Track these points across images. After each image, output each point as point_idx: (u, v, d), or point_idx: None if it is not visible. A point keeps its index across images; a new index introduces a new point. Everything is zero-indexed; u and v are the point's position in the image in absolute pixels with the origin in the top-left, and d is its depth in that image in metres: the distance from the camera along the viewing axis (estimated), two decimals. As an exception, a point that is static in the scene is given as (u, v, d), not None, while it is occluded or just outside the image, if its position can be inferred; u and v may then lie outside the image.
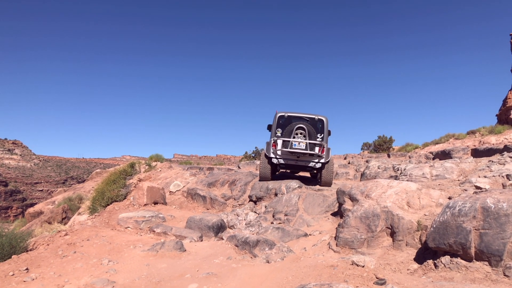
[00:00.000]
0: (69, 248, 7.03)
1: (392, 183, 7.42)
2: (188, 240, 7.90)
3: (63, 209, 16.44)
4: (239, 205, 11.64)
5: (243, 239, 7.23)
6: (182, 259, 6.55)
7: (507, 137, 23.91)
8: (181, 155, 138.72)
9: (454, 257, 5.19)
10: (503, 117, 40.76)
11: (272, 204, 10.07)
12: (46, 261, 6.38)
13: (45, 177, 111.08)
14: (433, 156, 17.17)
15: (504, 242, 4.78)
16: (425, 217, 6.21)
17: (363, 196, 7.30)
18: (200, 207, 12.08)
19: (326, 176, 11.42)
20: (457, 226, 5.15)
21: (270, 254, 6.45)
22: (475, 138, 26.34)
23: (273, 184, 11.18)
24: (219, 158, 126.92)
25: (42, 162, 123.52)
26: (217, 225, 8.89)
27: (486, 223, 4.97)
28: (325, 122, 11.49)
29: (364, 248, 6.53)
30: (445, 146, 25.40)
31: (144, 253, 6.83)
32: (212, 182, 13.50)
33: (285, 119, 11.47)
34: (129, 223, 9.27)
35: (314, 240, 7.58)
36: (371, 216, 6.67)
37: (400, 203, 6.71)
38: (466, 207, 5.21)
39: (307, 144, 11.07)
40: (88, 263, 6.31)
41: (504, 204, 4.97)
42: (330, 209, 9.13)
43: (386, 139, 32.00)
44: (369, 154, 24.27)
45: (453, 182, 8.98)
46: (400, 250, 6.14)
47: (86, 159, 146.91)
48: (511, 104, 39.46)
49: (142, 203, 11.31)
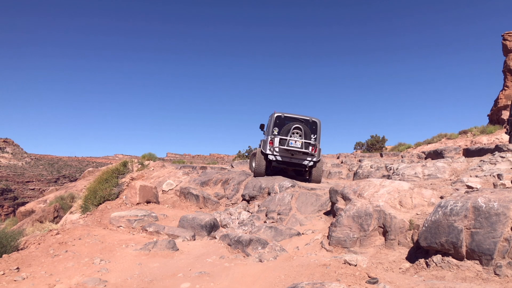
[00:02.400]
0: (61, 247, 6.99)
1: (384, 182, 7.45)
2: (180, 239, 7.88)
3: (54, 208, 16.33)
4: (232, 204, 11.64)
5: (236, 238, 7.22)
6: (175, 258, 6.53)
7: (498, 137, 24.14)
8: (174, 154, 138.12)
9: (445, 256, 5.22)
10: (494, 117, 41.13)
11: (265, 203, 10.07)
12: (37, 260, 6.33)
13: (37, 175, 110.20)
14: (425, 156, 17.26)
15: (495, 241, 4.82)
16: (417, 216, 6.25)
17: (356, 195, 7.32)
18: (193, 206, 12.05)
19: (316, 174, 12.39)
20: (449, 225, 5.18)
21: (263, 253, 6.45)
22: (467, 138, 26.58)
23: (266, 183, 11.20)
24: (212, 157, 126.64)
25: (33, 161, 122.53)
26: (210, 224, 8.87)
27: (477, 223, 5.01)
28: (318, 124, 12.48)
29: (356, 247, 6.55)
30: (437, 145, 25.59)
31: (137, 252, 6.80)
32: (205, 181, 13.48)
33: (282, 119, 12.34)
34: (122, 222, 9.22)
35: (307, 239, 7.60)
36: (363, 215, 6.69)
37: (392, 202, 6.74)
38: (458, 207, 5.24)
39: (303, 143, 11.93)
40: (80, 262, 6.27)
41: (495, 203, 5.01)
42: (323, 208, 9.15)
43: (379, 138, 32.15)
44: (362, 154, 24.35)
45: (445, 181, 9.03)
46: (392, 249, 6.17)
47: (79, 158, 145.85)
48: (502, 104, 39.81)
49: (135, 202, 11.27)
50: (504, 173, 8.14)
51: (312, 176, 12.41)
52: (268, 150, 12.08)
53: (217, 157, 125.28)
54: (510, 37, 41.64)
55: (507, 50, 41.99)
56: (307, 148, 11.94)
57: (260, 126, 13.38)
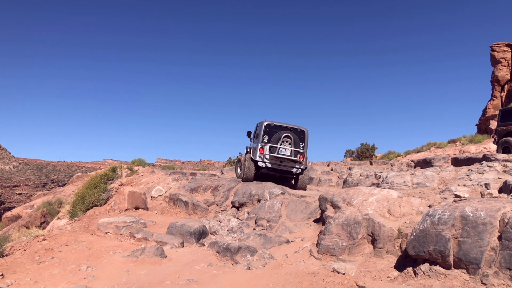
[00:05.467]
0: (47, 254, 6.90)
1: (373, 190, 7.48)
2: (169, 246, 7.82)
3: (42, 213, 16.16)
4: (221, 211, 11.59)
5: (224, 246, 7.19)
6: (163, 265, 6.48)
7: (486, 146, 24.47)
8: (164, 159, 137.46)
9: (433, 265, 5.24)
10: (482, 127, 41.75)
11: (254, 210, 10.05)
12: (23, 267, 6.24)
13: (25, 180, 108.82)
14: (414, 164, 17.39)
15: (481, 250, 4.86)
16: (405, 225, 6.27)
17: (345, 203, 7.34)
18: (182, 213, 11.98)
19: (302, 181, 12.73)
20: (437, 234, 5.21)
21: (251, 260, 6.43)
22: (456, 147, 26.88)
23: (256, 190, 11.19)
24: (202, 163, 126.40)
25: (21, 165, 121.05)
26: (198, 231, 8.82)
27: (465, 232, 5.04)
28: (306, 133, 12.90)
29: (345, 255, 6.55)
30: (426, 154, 25.82)
31: (124, 259, 6.74)
32: (194, 188, 13.43)
33: (272, 127, 12.63)
34: (110, 228, 9.13)
35: (296, 247, 7.59)
36: (352, 224, 6.70)
37: (381, 210, 6.77)
38: (446, 216, 5.28)
39: (292, 151, 12.26)
40: (66, 269, 6.19)
41: (482, 213, 5.05)
42: (313, 215, 9.16)
43: (369, 146, 32.35)
44: (352, 162, 24.48)
45: (433, 190, 9.10)
46: (381, 257, 6.18)
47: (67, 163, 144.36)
48: (490, 114, 40.43)
49: (123, 208, 11.18)
50: (491, 183, 8.23)
51: (299, 183, 12.74)
52: (258, 157, 12.35)
53: (207, 163, 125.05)
54: (498, 48, 42.48)
55: (495, 61, 42.80)
56: (296, 156, 12.29)
57: (247, 133, 13.78)
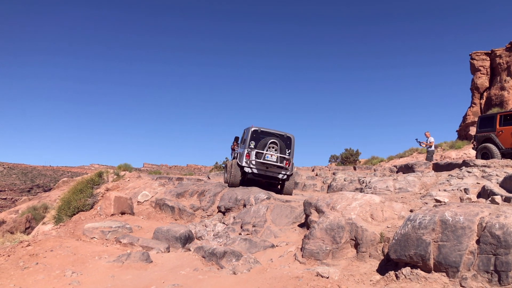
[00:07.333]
0: (31, 259, 6.86)
1: (356, 195, 7.62)
2: (155, 251, 7.84)
3: (26, 218, 15.96)
4: (207, 216, 11.63)
5: (210, 251, 7.24)
6: (148, 270, 6.51)
7: (466, 152, 24.97)
8: (151, 164, 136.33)
9: (414, 269, 5.37)
10: (463, 133, 42.58)
11: (240, 215, 10.11)
12: (6, 273, 6.20)
13: (9, 185, 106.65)
14: (396, 170, 17.60)
15: (460, 254, 5.00)
16: (387, 229, 6.41)
17: (329, 208, 7.46)
18: (168, 218, 11.97)
19: (288, 186, 12.85)
20: (417, 238, 5.35)
21: (237, 265, 6.49)
22: (437, 152, 27.32)
23: (242, 195, 11.25)
24: (189, 168, 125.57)
25: (6, 169, 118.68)
26: (184, 236, 8.85)
27: (444, 236, 5.19)
28: (293, 140, 12.98)
29: (329, 259, 6.66)
30: (408, 159, 26.20)
31: (110, 264, 6.74)
32: (181, 193, 13.43)
33: (258, 134, 12.70)
34: (95, 233, 9.10)
35: (281, 251, 7.67)
36: (336, 228, 6.82)
37: (364, 215, 6.90)
38: (426, 220, 5.42)
39: (278, 157, 12.32)
40: (51, 274, 6.17)
41: (461, 217, 5.21)
42: (297, 220, 9.26)
43: (353, 152, 32.63)
44: (336, 167, 24.68)
45: (415, 195, 9.29)
46: (364, 261, 6.30)
47: (53, 167, 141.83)
48: (470, 120, 41.30)
49: (109, 213, 11.14)
50: (470, 188, 8.46)
51: (284, 189, 12.84)
52: (245, 163, 12.40)
53: (194, 168, 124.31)
54: (477, 57, 43.54)
55: (475, 69, 43.82)
56: (282, 162, 12.35)
57: (235, 138, 14.04)
